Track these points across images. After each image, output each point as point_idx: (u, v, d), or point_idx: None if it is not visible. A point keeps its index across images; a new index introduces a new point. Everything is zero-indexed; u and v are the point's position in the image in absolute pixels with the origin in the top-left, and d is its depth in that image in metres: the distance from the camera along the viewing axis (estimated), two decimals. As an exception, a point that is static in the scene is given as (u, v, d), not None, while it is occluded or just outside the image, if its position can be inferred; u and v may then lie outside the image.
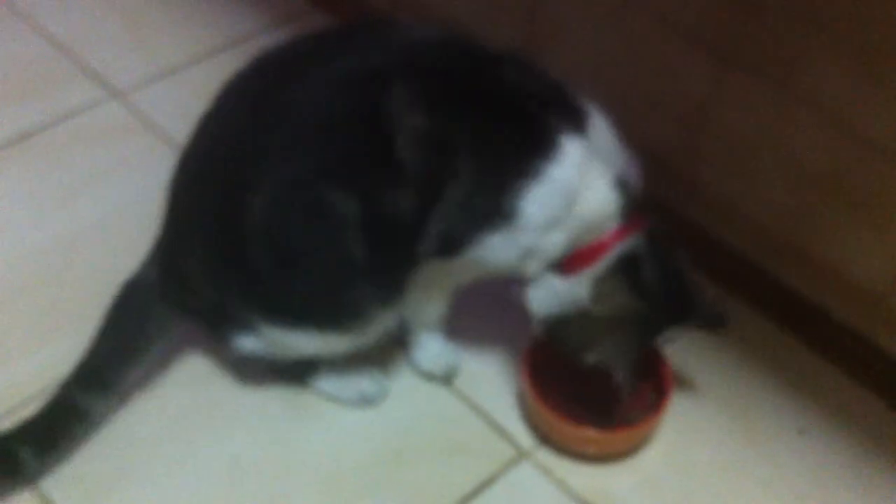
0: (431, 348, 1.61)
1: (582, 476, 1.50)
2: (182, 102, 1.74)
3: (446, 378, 1.61)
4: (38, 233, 1.78)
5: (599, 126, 1.40)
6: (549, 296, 1.45)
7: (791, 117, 1.51)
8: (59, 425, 1.47)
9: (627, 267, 1.42)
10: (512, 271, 1.44)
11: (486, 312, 1.67)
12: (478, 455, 1.52)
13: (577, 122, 1.38)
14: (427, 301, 1.53)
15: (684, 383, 1.56)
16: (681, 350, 1.63)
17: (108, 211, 1.81)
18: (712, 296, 1.52)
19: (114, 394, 1.51)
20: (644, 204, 1.47)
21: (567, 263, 1.42)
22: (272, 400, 1.56)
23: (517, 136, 1.36)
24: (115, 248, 1.71)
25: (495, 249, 1.38)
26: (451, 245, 1.39)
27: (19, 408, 1.52)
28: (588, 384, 1.57)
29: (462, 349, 1.63)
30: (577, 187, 1.36)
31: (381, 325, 1.47)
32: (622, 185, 1.40)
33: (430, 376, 1.61)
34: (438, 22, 1.92)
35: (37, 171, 1.90)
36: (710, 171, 1.68)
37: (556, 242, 1.39)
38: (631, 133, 1.52)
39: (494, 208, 1.35)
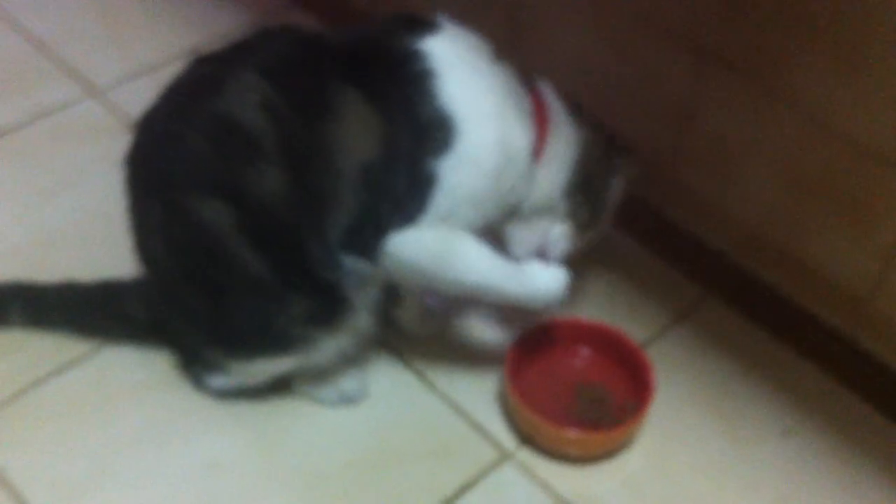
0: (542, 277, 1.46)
1: (565, 477, 1.49)
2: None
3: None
4: (16, 231, 1.77)
5: (449, 25, 1.39)
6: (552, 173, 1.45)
7: (774, 117, 1.50)
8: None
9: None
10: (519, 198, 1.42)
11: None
12: (460, 456, 1.51)
13: (423, 30, 1.36)
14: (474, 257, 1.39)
15: (667, 384, 1.55)
16: (663, 351, 1.63)
17: (86, 209, 1.79)
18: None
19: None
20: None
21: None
22: (250, 401, 1.55)
23: (383, 58, 1.33)
24: (94, 247, 1.71)
25: (477, 172, 1.33)
26: (417, 182, 1.31)
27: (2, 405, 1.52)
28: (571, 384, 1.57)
29: (444, 350, 1.62)
30: (474, 66, 1.36)
31: (334, 346, 1.45)
32: (500, 60, 1.41)
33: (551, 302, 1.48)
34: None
35: (14, 169, 1.88)
36: (693, 171, 1.68)
37: (520, 124, 1.39)
38: (613, 132, 1.53)
39: (423, 125, 1.30)
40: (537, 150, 1.42)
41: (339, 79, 1.31)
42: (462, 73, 1.34)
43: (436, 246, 1.35)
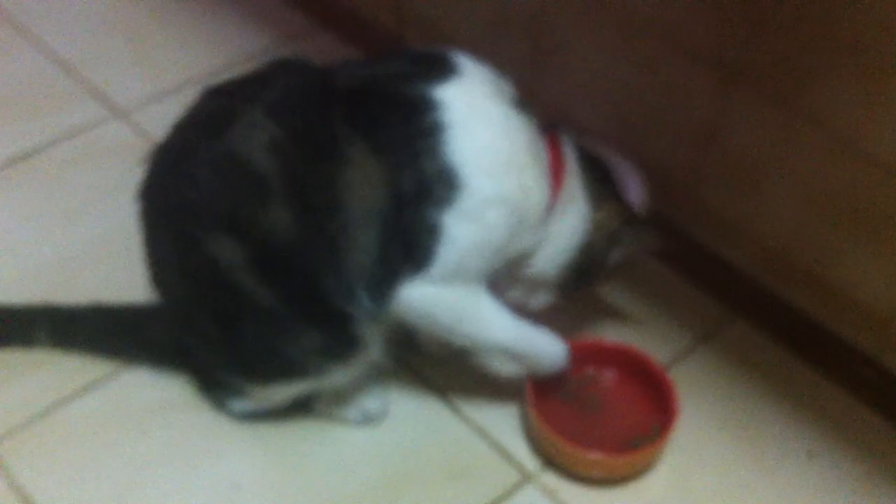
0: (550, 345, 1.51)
1: (587, 500, 1.48)
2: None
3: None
4: (42, 251, 1.78)
5: (469, 66, 1.37)
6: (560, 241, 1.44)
7: (798, 137, 1.50)
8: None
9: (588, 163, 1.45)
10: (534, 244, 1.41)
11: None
12: (482, 478, 1.51)
13: (441, 73, 1.34)
14: (479, 323, 1.42)
15: (690, 406, 1.54)
16: (686, 373, 1.62)
17: (110, 230, 1.80)
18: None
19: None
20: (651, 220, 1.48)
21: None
22: (271, 422, 1.55)
23: (393, 107, 1.31)
24: (118, 267, 1.71)
25: (490, 226, 1.33)
26: (421, 232, 1.31)
27: (20, 428, 1.52)
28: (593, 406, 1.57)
29: (466, 371, 1.61)
30: (490, 117, 1.33)
31: (346, 375, 1.46)
32: (522, 104, 1.38)
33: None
34: (444, 42, 1.92)
35: (40, 190, 1.90)
36: (717, 191, 1.67)
37: (536, 180, 1.36)
38: (636, 152, 1.52)
39: (427, 179, 1.29)
40: (549, 206, 1.41)
41: (347, 125, 1.30)
42: (475, 125, 1.31)
43: (454, 304, 1.37)
